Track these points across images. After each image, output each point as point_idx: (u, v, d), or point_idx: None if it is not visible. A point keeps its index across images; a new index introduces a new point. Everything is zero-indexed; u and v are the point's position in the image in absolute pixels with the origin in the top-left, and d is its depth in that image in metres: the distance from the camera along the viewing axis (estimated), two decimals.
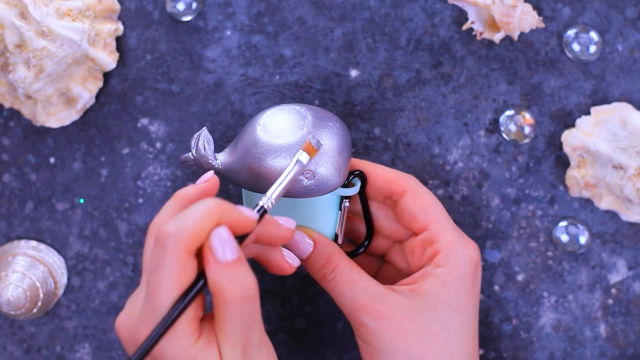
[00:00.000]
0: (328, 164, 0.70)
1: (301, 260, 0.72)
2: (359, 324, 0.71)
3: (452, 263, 0.72)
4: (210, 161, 0.72)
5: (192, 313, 0.63)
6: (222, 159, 0.72)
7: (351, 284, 0.71)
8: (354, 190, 0.73)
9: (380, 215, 0.76)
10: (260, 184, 0.71)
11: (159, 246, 0.63)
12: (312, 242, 0.72)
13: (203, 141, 0.72)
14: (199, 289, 0.63)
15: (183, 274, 0.62)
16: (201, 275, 0.63)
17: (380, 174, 0.74)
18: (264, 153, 0.70)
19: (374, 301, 0.71)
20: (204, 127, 0.72)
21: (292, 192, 0.71)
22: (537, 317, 0.81)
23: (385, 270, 0.77)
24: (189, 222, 0.62)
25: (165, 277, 0.62)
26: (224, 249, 0.63)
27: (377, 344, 0.71)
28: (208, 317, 0.66)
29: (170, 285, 0.62)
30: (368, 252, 0.78)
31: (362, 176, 0.73)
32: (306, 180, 0.70)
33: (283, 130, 0.71)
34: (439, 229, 0.73)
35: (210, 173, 0.70)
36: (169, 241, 0.62)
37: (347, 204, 0.73)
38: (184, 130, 0.81)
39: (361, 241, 0.77)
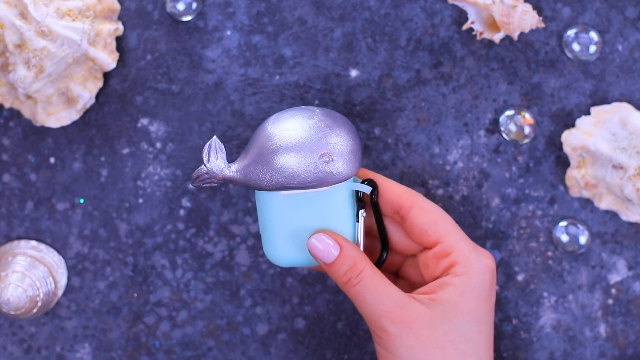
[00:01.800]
0: (342, 146, 0.72)
1: (325, 264, 0.72)
2: (381, 330, 0.71)
3: (470, 272, 0.72)
4: (224, 169, 0.72)
5: None
6: (235, 166, 0.72)
7: (375, 290, 0.71)
8: (367, 188, 0.73)
9: (392, 229, 0.76)
10: (279, 177, 0.71)
11: None
12: (338, 247, 0.72)
13: (215, 150, 0.72)
14: None
15: None
16: None
17: (391, 187, 0.74)
18: (279, 144, 0.71)
19: (397, 307, 0.71)
20: (214, 137, 0.72)
21: (310, 181, 0.71)
22: (537, 317, 0.81)
23: (399, 286, 0.77)
24: None
25: None
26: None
27: (398, 352, 0.71)
28: None
29: None
30: (382, 269, 0.78)
31: (373, 183, 0.74)
32: (323, 163, 0.71)
33: (294, 123, 0.72)
34: (453, 241, 0.73)
35: None
36: None
37: (364, 214, 0.73)
38: (184, 130, 0.81)
39: (375, 257, 0.77)
